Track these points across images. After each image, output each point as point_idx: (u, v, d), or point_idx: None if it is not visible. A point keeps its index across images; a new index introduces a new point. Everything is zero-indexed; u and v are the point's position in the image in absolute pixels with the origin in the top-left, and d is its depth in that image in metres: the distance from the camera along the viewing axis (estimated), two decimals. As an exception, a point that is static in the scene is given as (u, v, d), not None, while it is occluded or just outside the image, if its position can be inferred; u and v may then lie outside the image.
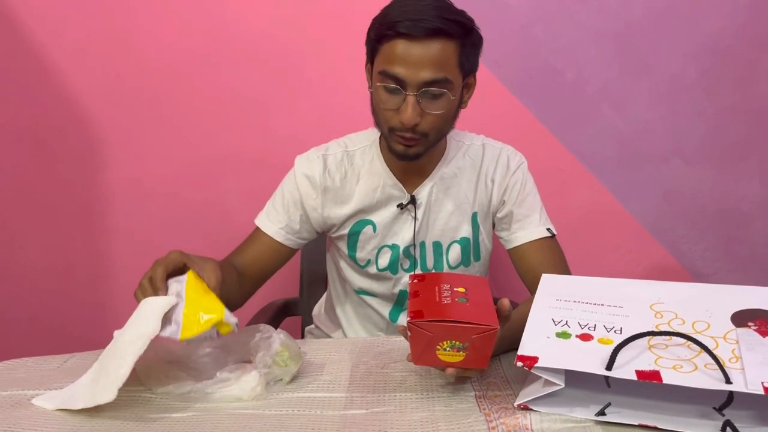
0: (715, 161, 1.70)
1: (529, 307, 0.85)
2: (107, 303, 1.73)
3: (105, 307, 1.74)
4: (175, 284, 0.87)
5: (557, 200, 1.71)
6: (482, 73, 1.64)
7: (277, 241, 1.17)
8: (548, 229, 1.17)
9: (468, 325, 0.73)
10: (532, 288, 1.08)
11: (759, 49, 1.64)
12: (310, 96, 1.65)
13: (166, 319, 0.82)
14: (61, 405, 0.78)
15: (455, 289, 0.81)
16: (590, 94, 1.67)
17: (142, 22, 1.60)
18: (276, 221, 1.18)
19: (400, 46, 0.98)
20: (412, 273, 1.11)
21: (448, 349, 0.75)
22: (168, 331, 0.81)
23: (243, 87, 1.64)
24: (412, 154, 1.06)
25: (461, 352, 0.74)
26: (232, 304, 1.09)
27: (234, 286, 1.09)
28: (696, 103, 1.67)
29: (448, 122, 1.07)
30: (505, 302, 0.81)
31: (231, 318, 0.84)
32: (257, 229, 1.19)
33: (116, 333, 0.89)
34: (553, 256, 1.16)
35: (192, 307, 0.84)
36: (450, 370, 0.77)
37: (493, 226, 1.22)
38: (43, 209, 1.69)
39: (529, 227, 1.17)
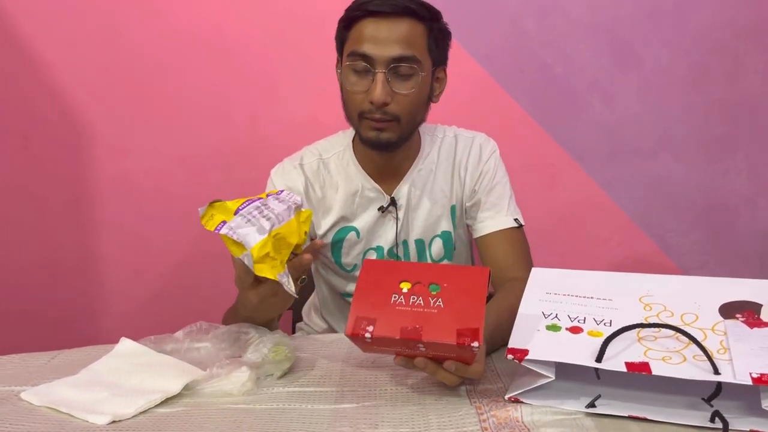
0: (703, 155, 1.71)
1: (497, 308, 0.86)
2: (95, 298, 1.72)
3: (93, 301, 1.72)
4: (279, 203, 0.79)
5: (546, 193, 1.72)
6: (472, 66, 1.65)
7: None
8: (516, 219, 1.15)
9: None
10: (495, 280, 1.07)
11: (747, 42, 1.65)
12: (299, 91, 1.64)
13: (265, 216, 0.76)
14: (48, 403, 0.78)
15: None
16: (580, 87, 1.67)
17: (130, 16, 1.59)
18: None
19: (369, 26, 0.98)
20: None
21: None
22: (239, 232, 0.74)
23: (232, 82, 1.63)
24: (384, 140, 1.03)
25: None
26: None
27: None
28: (684, 96, 1.68)
29: (419, 108, 1.05)
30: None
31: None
32: None
33: (123, 347, 0.90)
34: (517, 248, 1.13)
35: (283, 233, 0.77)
36: (448, 363, 0.74)
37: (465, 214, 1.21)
38: (31, 204, 1.67)
39: (496, 216, 1.15)
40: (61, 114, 1.62)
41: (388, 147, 1.06)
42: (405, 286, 0.74)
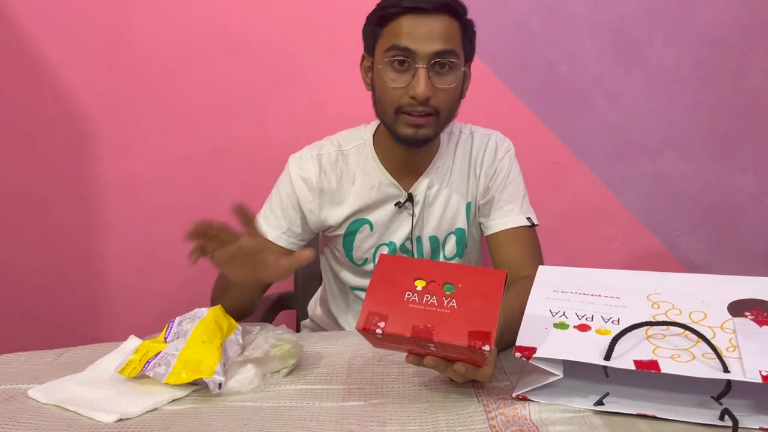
0: (708, 153, 1.71)
1: (507, 306, 0.83)
2: (100, 298, 1.72)
3: (97, 301, 1.72)
4: (187, 322, 0.88)
5: (551, 192, 1.72)
6: (477, 65, 1.63)
7: (280, 246, 1.14)
8: (528, 218, 1.15)
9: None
10: None
11: (752, 40, 1.65)
12: (303, 90, 1.64)
13: (161, 356, 0.82)
14: (55, 401, 0.78)
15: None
16: (585, 86, 1.67)
17: (135, 15, 1.59)
18: (277, 226, 1.15)
19: (408, 21, 0.98)
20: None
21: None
22: (154, 371, 0.80)
23: (236, 81, 1.63)
24: (422, 137, 1.03)
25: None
26: (245, 313, 1.09)
27: (245, 296, 1.08)
28: (690, 95, 1.68)
29: (456, 103, 1.06)
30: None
31: (217, 377, 0.79)
32: None
33: (130, 346, 0.91)
34: (528, 246, 1.13)
35: (188, 353, 0.82)
36: (458, 365, 0.74)
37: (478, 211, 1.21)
38: (36, 204, 1.67)
39: (509, 214, 1.15)
40: (66, 114, 1.62)
41: (423, 143, 1.06)
42: (419, 284, 0.74)
